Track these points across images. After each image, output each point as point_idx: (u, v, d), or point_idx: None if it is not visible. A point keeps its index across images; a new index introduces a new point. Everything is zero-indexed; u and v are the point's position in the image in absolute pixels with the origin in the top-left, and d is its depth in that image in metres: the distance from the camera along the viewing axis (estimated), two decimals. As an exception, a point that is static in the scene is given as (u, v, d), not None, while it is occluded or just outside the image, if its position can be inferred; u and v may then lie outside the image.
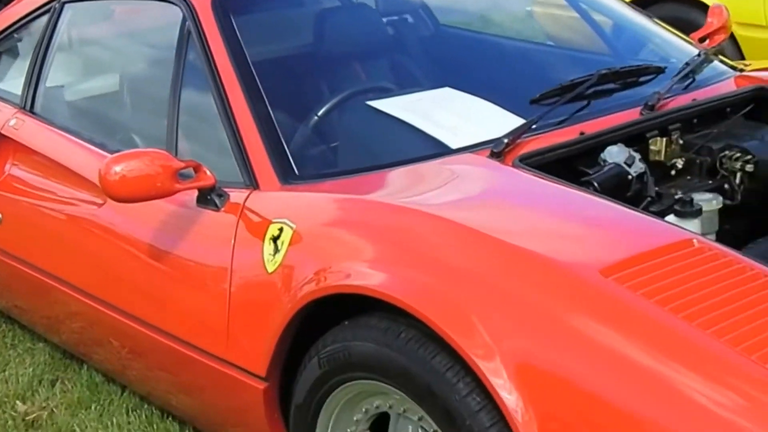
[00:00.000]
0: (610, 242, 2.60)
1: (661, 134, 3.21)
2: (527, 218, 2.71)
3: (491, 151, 3.01)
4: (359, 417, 2.75)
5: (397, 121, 3.23)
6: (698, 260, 2.44)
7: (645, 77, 3.51)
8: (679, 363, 2.20)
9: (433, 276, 2.50)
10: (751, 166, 3.14)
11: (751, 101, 3.46)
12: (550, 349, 2.30)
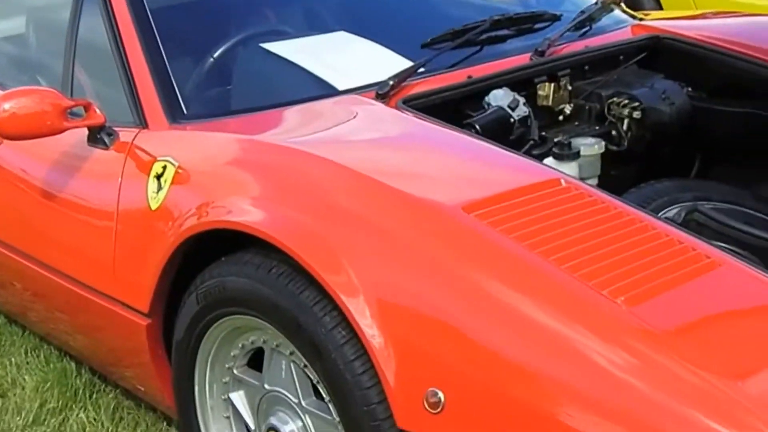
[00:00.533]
0: (478, 181, 2.61)
1: (549, 80, 3.21)
2: (402, 158, 2.72)
3: (376, 93, 3.00)
4: (236, 353, 2.76)
5: (287, 63, 3.24)
6: (562, 199, 2.46)
7: (540, 24, 3.50)
8: (532, 296, 2.22)
9: (305, 213, 2.52)
10: (639, 113, 3.15)
11: (644, 50, 3.45)
12: (411, 284, 2.32)
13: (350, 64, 3.20)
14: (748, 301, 2.27)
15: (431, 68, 3.20)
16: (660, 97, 3.20)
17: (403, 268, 2.35)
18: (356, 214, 2.46)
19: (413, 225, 2.41)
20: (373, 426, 2.33)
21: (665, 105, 3.17)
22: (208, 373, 2.85)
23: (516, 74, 3.17)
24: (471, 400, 2.20)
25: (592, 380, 2.08)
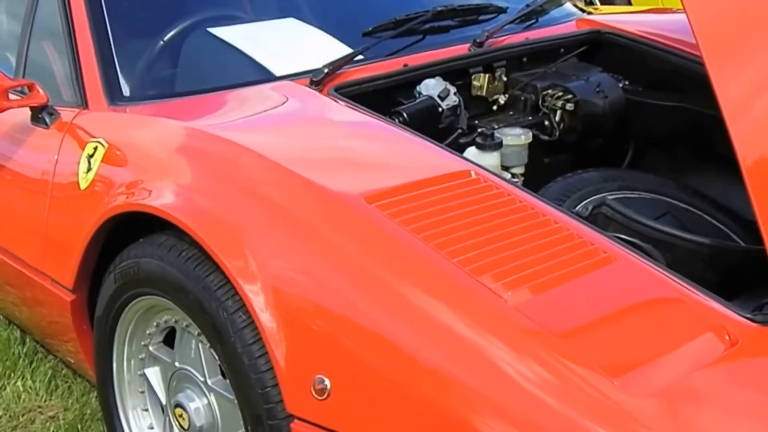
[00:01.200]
0: (387, 171, 2.62)
1: (485, 71, 3.20)
2: (319, 147, 2.73)
3: (310, 80, 3.00)
4: (151, 330, 2.78)
5: (231, 48, 3.24)
6: (467, 191, 2.47)
7: (485, 16, 3.47)
8: (421, 288, 2.24)
9: (216, 199, 2.54)
10: (572, 105, 3.14)
11: (584, 44, 3.44)
12: (307, 272, 2.34)
13: (291, 51, 3.21)
14: (639, 297, 2.28)
15: (370, 56, 3.19)
16: (594, 90, 3.20)
17: (302, 255, 2.36)
18: (264, 201, 2.48)
19: (316, 214, 2.41)
20: (267, 409, 2.34)
21: (599, 98, 3.17)
22: (126, 349, 2.87)
23: (451, 64, 3.17)
24: (356, 388, 2.21)
25: (476, 371, 2.09)
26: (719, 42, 2.41)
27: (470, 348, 2.11)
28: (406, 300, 2.20)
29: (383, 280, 2.24)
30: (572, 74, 3.28)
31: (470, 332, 2.13)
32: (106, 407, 2.95)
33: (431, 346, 2.14)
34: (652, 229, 2.52)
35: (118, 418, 2.91)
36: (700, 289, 2.25)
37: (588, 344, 2.10)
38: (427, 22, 3.34)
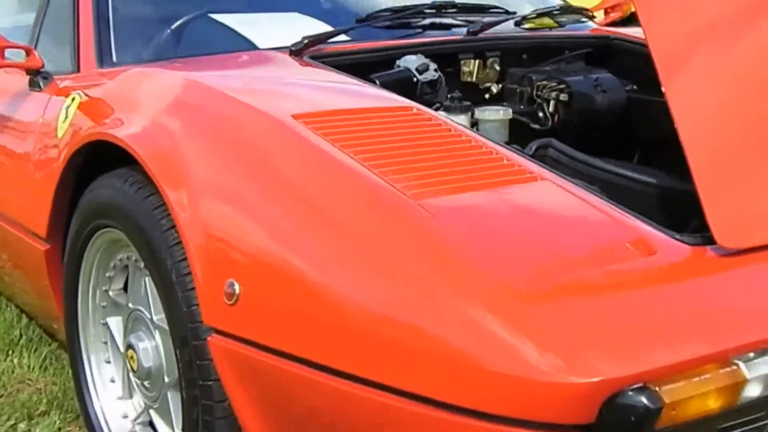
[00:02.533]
0: (327, 102, 2.58)
1: (476, 58, 3.10)
2: (271, 86, 2.71)
3: (290, 50, 2.95)
4: (111, 274, 2.73)
5: (222, 25, 3.21)
6: (404, 120, 2.39)
7: (491, 18, 3.39)
8: (333, 194, 2.17)
9: (165, 129, 2.50)
10: (566, 95, 3.02)
11: (591, 47, 3.33)
12: (231, 183, 2.29)
13: (280, 30, 3.15)
14: (554, 209, 2.16)
15: (357, 38, 3.09)
16: (592, 85, 3.07)
17: (228, 168, 2.32)
18: (203, 124, 2.45)
19: (243, 130, 2.37)
20: (192, 328, 2.27)
21: (596, 92, 3.03)
22: (90, 294, 2.82)
23: (438, 47, 3.08)
24: (264, 293, 2.14)
25: (381, 274, 1.99)
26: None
27: (376, 251, 2.01)
28: (316, 205, 2.14)
29: (296, 185, 2.19)
30: (571, 71, 3.15)
31: (378, 236, 2.03)
32: (73, 360, 2.90)
33: (338, 250, 2.05)
34: (599, 170, 2.38)
35: (83, 369, 2.84)
36: (631, 212, 2.08)
37: (487, 241, 1.98)
38: (426, 16, 3.23)
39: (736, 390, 1.83)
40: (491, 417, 1.82)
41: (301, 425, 2.11)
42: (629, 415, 1.74)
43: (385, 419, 1.93)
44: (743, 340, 1.85)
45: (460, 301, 1.87)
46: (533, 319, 1.82)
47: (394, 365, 1.90)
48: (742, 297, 1.98)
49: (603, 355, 1.76)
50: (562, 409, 1.75)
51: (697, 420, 1.83)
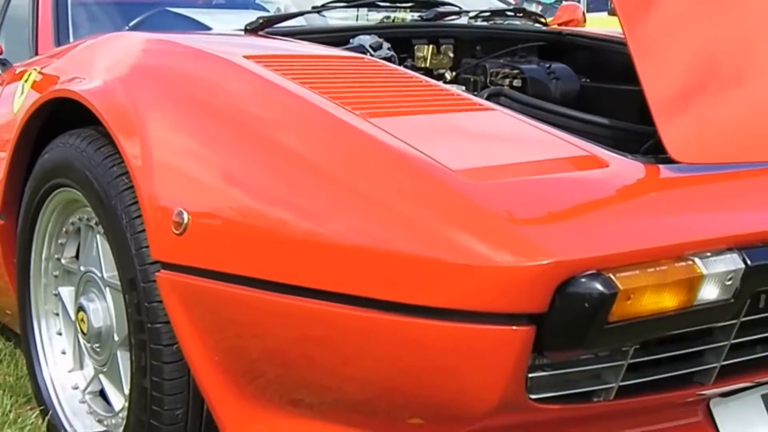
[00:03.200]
0: (281, 49, 2.50)
1: (430, 44, 3.07)
2: (227, 42, 2.66)
3: (245, 28, 2.91)
4: (63, 240, 2.65)
5: (178, 15, 3.16)
6: (357, 64, 2.35)
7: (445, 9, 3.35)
8: (282, 121, 2.14)
9: (119, 81, 2.46)
10: (519, 81, 2.98)
11: (543, 41, 3.30)
12: (180, 116, 2.27)
13: (237, 20, 3.10)
14: (504, 132, 2.14)
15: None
16: (545, 72, 3.02)
17: (181, 108, 2.29)
18: (158, 69, 2.45)
19: (197, 72, 2.36)
20: (141, 270, 2.22)
21: (549, 80, 2.99)
22: (42, 266, 2.77)
23: (391, 30, 3.04)
24: (211, 220, 2.09)
25: (328, 200, 1.95)
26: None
27: (320, 166, 1.98)
28: (265, 132, 2.11)
29: (246, 115, 2.17)
30: (525, 60, 3.12)
31: (323, 152, 2.01)
32: (25, 336, 2.82)
33: (281, 168, 2.03)
34: (551, 113, 2.33)
35: (35, 344, 2.77)
36: (583, 138, 2.03)
37: (434, 148, 1.93)
38: (380, 8, 3.20)
39: (692, 287, 1.76)
40: (438, 311, 1.75)
41: (245, 352, 2.04)
42: (583, 301, 1.67)
43: (335, 329, 1.87)
44: (698, 237, 1.79)
45: (402, 200, 1.83)
46: (480, 207, 1.76)
47: (342, 271, 1.86)
48: (695, 203, 1.93)
49: (555, 239, 1.71)
50: (514, 296, 1.69)
51: (652, 318, 1.74)
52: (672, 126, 1.97)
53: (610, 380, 1.87)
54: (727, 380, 2.04)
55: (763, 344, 2.06)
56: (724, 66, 2.18)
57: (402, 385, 1.84)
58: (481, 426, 1.82)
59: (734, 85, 2.16)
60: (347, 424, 1.98)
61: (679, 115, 2.01)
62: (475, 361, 1.73)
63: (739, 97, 2.15)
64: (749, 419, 2.17)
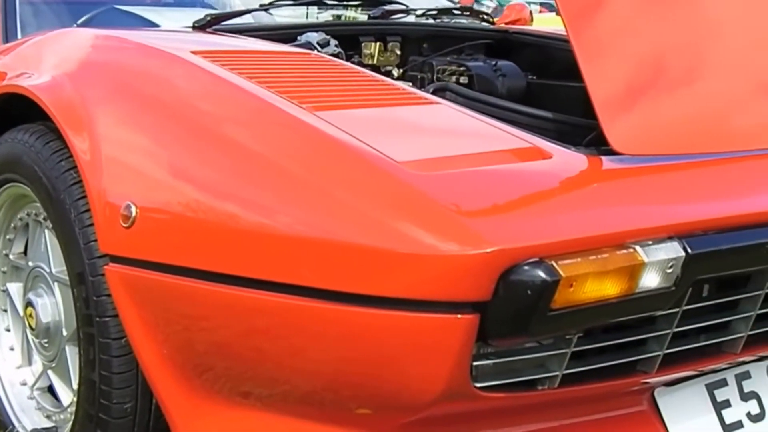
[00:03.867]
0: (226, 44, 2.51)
1: (377, 41, 3.08)
2: (175, 38, 2.64)
3: (193, 25, 2.90)
4: (11, 236, 2.64)
5: (128, 13, 3.14)
6: (301, 60, 2.36)
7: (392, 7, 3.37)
8: (230, 115, 2.15)
9: (67, 76, 2.45)
10: (466, 78, 3.00)
11: (490, 39, 3.32)
12: (129, 111, 2.25)
13: (186, 18, 3.10)
14: (448, 125, 2.15)
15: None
16: (492, 69, 3.04)
17: (129, 104, 2.29)
18: (107, 64, 2.45)
19: (145, 67, 2.37)
20: (89, 263, 2.22)
21: (496, 77, 3.01)
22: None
23: (339, 27, 3.04)
24: (160, 213, 2.09)
25: (272, 188, 1.96)
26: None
27: (271, 171, 1.97)
28: (212, 126, 2.12)
29: (193, 109, 2.18)
30: (471, 57, 3.14)
31: (268, 144, 2.03)
32: None
33: (229, 161, 2.04)
34: (495, 107, 2.35)
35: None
36: (527, 131, 2.05)
37: (378, 139, 1.95)
38: (327, 6, 3.21)
39: (633, 274, 1.78)
40: (383, 301, 1.76)
41: (193, 344, 2.04)
42: (526, 289, 1.69)
43: (283, 320, 1.88)
44: (639, 225, 1.81)
45: (348, 191, 1.84)
46: (425, 197, 1.77)
47: (289, 262, 1.87)
48: (636, 193, 1.95)
49: (498, 227, 1.72)
50: (457, 284, 1.70)
51: (595, 306, 1.76)
52: (614, 119, 1.99)
53: (554, 368, 1.88)
54: (671, 369, 2.05)
55: (706, 333, 2.07)
56: (667, 64, 2.21)
57: (349, 376, 1.85)
58: (426, 415, 1.83)
59: (676, 81, 2.20)
60: (296, 415, 1.98)
61: (621, 109, 2.04)
62: (420, 350, 1.74)
63: (680, 93, 2.18)
64: (693, 408, 2.19)
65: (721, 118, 2.19)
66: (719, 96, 2.20)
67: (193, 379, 2.06)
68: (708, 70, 2.23)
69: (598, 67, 2.07)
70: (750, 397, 2.25)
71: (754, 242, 1.94)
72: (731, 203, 1.99)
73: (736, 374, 2.26)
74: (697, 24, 2.29)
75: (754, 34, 2.36)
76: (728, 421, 2.20)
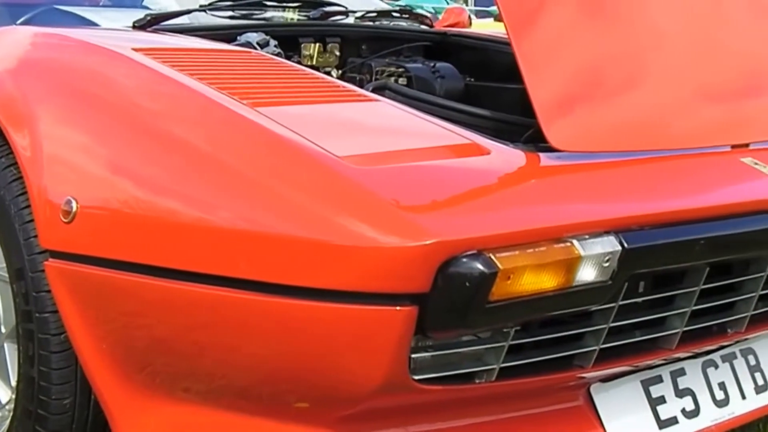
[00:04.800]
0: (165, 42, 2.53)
1: (317, 42, 3.10)
2: (114, 36, 2.63)
3: (133, 25, 2.91)
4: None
5: (73, 15, 3.16)
6: (246, 58, 2.38)
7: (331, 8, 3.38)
8: (171, 111, 2.17)
9: (13, 76, 2.46)
10: (404, 80, 3.02)
11: (429, 41, 3.35)
12: (70, 106, 2.25)
13: (127, 18, 3.10)
14: (387, 122, 2.17)
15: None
16: (430, 71, 3.07)
17: (70, 100, 2.30)
18: (48, 61, 2.46)
19: (86, 64, 2.39)
20: (29, 259, 2.21)
21: (434, 78, 3.04)
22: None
23: (279, 29, 3.05)
24: (99, 204, 2.08)
25: (213, 185, 1.97)
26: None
27: (211, 166, 1.98)
28: (152, 122, 2.13)
29: (134, 106, 2.19)
30: (410, 59, 3.16)
31: (209, 140, 2.02)
32: None
33: (171, 167, 2.04)
34: (433, 105, 2.38)
35: None
36: (465, 128, 2.08)
37: (318, 134, 1.96)
38: (267, 8, 3.22)
39: (570, 268, 1.81)
40: (322, 293, 1.78)
41: (133, 340, 2.05)
42: (464, 281, 1.71)
43: (223, 314, 1.89)
44: (576, 219, 1.84)
45: (288, 185, 1.86)
46: (364, 190, 1.79)
47: (229, 255, 1.88)
48: (574, 188, 1.99)
49: (437, 220, 1.74)
50: (396, 276, 1.72)
51: (532, 299, 1.79)
52: (552, 116, 2.02)
53: (491, 362, 1.90)
54: (607, 364, 2.08)
55: (642, 329, 2.10)
56: (608, 69, 2.26)
57: (288, 369, 1.86)
58: (365, 407, 1.85)
59: (616, 84, 2.24)
60: (235, 409, 1.99)
61: (560, 107, 2.07)
62: (359, 342, 1.76)
63: (619, 94, 2.22)
64: (629, 404, 2.22)
65: (658, 119, 2.23)
66: (657, 99, 2.25)
67: (133, 374, 2.07)
68: (648, 75, 2.28)
69: (539, 67, 2.10)
70: (685, 394, 2.29)
71: (689, 238, 1.97)
72: (667, 200, 2.02)
73: (672, 371, 2.29)
74: (639, 34, 2.34)
75: (694, 44, 2.41)
76: (663, 417, 2.23)
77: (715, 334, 2.26)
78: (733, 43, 2.52)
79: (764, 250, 2.14)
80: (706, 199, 2.06)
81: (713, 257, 2.04)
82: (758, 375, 2.42)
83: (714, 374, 2.34)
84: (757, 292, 2.22)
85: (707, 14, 2.54)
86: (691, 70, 2.36)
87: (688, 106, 2.30)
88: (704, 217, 1.99)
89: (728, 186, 2.15)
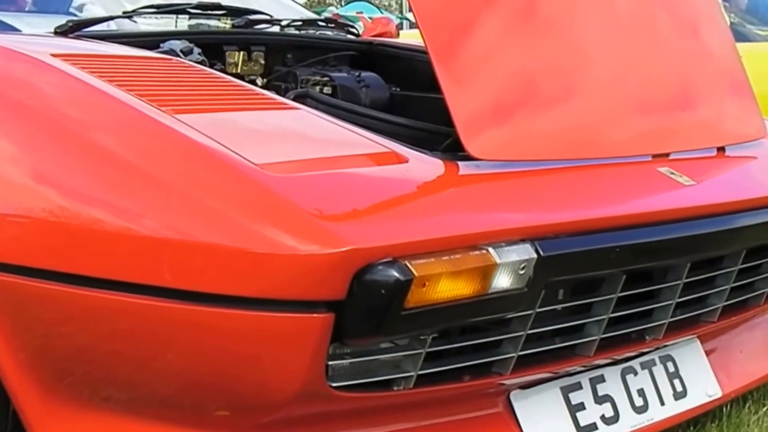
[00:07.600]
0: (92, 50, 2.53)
1: (241, 51, 3.14)
2: (35, 41, 2.71)
3: (55, 31, 2.93)
4: None
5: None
6: (167, 65, 2.41)
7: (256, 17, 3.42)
8: (92, 117, 2.17)
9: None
10: (329, 89, 3.07)
11: (354, 51, 3.40)
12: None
13: (49, 24, 3.12)
14: (308, 130, 2.22)
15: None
16: (355, 80, 3.12)
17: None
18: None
19: (4, 67, 2.39)
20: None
21: (359, 88, 3.09)
22: None
23: (202, 36, 3.09)
24: (21, 219, 2.13)
25: (130, 191, 2.00)
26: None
27: (128, 173, 2.02)
28: (72, 129, 2.14)
29: (54, 112, 2.20)
30: (335, 68, 3.21)
31: (130, 148, 2.05)
32: None
33: (91, 174, 2.06)
34: (354, 113, 2.43)
35: None
36: (383, 137, 2.13)
37: (238, 142, 2.00)
38: (191, 15, 3.26)
39: (486, 275, 1.87)
40: (239, 300, 1.82)
41: (52, 350, 2.08)
42: (379, 288, 1.76)
43: (142, 322, 1.93)
44: (492, 227, 1.90)
45: (206, 192, 1.90)
46: (280, 198, 1.83)
47: (148, 262, 1.91)
48: (491, 196, 2.04)
49: (352, 228, 1.80)
50: (312, 283, 1.77)
51: (448, 306, 1.85)
52: (471, 125, 2.09)
53: (408, 369, 1.96)
54: (525, 370, 2.14)
55: (560, 336, 2.16)
56: (532, 82, 2.33)
57: (206, 377, 1.91)
58: (283, 414, 1.90)
59: (536, 95, 2.31)
60: (156, 418, 2.02)
61: (479, 116, 2.14)
62: (276, 350, 1.81)
63: (539, 105, 2.29)
64: (548, 411, 2.28)
65: (578, 129, 2.31)
66: (578, 109, 2.32)
67: (53, 384, 2.09)
68: (570, 87, 2.35)
69: (458, 76, 2.17)
70: (604, 401, 2.36)
71: (605, 246, 2.04)
72: (583, 208, 2.09)
73: (591, 378, 2.36)
74: (564, 48, 2.41)
75: (620, 58, 2.49)
76: (582, 424, 2.29)
77: (633, 342, 2.32)
78: (660, 58, 2.59)
79: (679, 257, 2.21)
80: (622, 207, 2.13)
81: (629, 265, 2.11)
82: (677, 381, 2.49)
83: (633, 381, 2.41)
84: (674, 300, 2.28)
85: (635, 30, 2.61)
86: (616, 83, 2.43)
87: (610, 117, 2.37)
88: (619, 226, 2.05)
89: (644, 195, 2.22)
